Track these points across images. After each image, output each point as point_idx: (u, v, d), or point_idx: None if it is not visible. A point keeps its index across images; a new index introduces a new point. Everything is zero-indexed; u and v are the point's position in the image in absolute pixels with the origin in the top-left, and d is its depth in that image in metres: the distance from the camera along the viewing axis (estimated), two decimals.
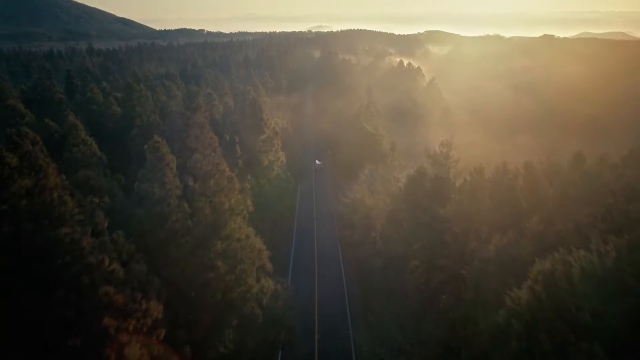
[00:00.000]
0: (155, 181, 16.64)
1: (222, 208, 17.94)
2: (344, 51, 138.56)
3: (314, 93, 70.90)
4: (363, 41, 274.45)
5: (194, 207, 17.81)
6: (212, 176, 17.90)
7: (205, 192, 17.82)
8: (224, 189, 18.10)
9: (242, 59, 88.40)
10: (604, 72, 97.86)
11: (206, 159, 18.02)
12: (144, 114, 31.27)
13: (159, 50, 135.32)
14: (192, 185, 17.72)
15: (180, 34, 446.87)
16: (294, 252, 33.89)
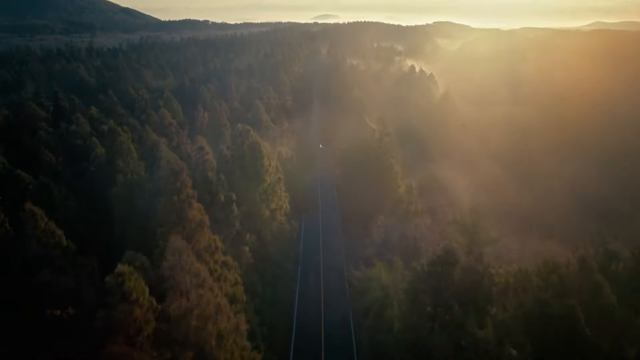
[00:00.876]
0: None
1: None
2: (352, 52, 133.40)
3: (321, 109, 66.76)
4: (370, 35, 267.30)
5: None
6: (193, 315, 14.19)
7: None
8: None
9: (245, 66, 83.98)
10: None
11: (184, 295, 14.16)
12: (127, 170, 27.74)
13: (160, 49, 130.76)
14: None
15: (185, 25, 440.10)
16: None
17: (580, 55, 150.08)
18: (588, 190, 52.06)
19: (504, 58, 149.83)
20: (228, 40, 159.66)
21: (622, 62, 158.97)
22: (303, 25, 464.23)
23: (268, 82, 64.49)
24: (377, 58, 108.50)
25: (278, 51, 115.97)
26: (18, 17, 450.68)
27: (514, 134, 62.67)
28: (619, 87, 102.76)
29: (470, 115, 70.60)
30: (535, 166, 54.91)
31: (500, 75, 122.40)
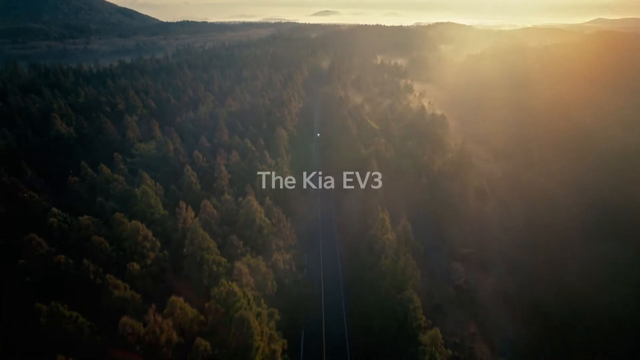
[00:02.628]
0: None
1: None
2: (354, 72, 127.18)
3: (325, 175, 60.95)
4: (372, 42, 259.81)
5: None
6: None
7: None
8: None
9: (238, 108, 78.15)
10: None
11: None
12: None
13: (152, 72, 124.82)
14: None
15: (183, 27, 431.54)
16: None
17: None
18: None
19: (511, 72, 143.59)
20: (224, 57, 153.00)
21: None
22: (302, 26, 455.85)
23: (263, 147, 58.59)
24: (382, 89, 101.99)
25: (276, 78, 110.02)
26: (14, 19, 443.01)
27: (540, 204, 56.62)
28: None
29: (489, 174, 64.90)
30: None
31: (509, 103, 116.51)
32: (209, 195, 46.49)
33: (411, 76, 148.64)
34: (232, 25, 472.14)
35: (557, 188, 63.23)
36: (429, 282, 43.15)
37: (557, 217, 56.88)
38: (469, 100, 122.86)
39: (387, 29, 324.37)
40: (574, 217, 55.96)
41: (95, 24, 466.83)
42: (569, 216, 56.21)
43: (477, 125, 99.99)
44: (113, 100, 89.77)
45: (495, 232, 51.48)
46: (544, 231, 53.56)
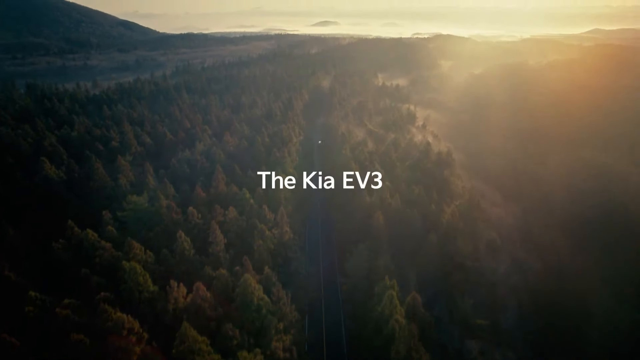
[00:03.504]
0: None
1: None
2: (355, 98, 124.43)
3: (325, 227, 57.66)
4: (371, 57, 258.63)
5: None
6: None
7: None
8: None
9: (235, 147, 75.23)
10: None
11: None
12: None
13: (149, 98, 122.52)
14: None
15: (182, 40, 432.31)
16: None
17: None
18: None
19: (514, 101, 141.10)
20: (222, 80, 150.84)
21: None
22: (302, 39, 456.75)
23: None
24: (385, 118, 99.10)
25: (276, 106, 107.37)
26: (15, 33, 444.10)
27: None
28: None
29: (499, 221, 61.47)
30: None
31: (514, 131, 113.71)
32: (203, 265, 43.07)
33: (413, 99, 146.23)
34: (232, 38, 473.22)
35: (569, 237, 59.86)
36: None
37: (573, 273, 53.54)
38: (472, 127, 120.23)
39: (387, 43, 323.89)
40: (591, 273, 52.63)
41: (96, 38, 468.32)
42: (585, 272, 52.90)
43: (482, 157, 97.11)
44: (107, 135, 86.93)
45: (511, 297, 47.99)
46: (561, 292, 50.12)
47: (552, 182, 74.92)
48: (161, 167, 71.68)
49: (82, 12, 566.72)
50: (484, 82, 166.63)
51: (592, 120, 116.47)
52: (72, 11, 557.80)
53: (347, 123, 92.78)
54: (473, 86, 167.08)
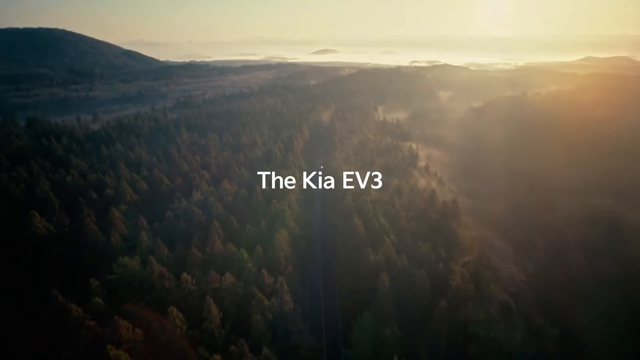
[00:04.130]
0: None
1: None
2: (355, 134, 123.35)
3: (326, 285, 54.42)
4: (370, 87, 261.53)
5: None
6: None
7: None
8: None
9: (234, 192, 73.05)
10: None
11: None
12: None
13: (148, 134, 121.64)
14: None
15: (185, 70, 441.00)
16: None
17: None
18: None
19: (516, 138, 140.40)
20: (223, 116, 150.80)
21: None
22: (302, 68, 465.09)
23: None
24: (387, 160, 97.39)
25: (276, 147, 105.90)
26: (21, 64, 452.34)
27: None
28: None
29: (511, 280, 58.28)
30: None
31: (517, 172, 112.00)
32: (196, 346, 39.55)
33: (414, 134, 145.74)
34: (233, 67, 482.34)
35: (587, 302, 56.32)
36: None
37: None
38: (475, 166, 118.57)
39: (386, 74, 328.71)
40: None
41: (100, 68, 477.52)
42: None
43: (487, 200, 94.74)
44: (102, 179, 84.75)
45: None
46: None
47: (561, 233, 71.99)
48: (156, 217, 69.03)
49: (88, 43, 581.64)
50: (484, 118, 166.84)
51: (597, 160, 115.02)
52: (78, 42, 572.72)
53: (348, 165, 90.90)
54: (473, 121, 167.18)
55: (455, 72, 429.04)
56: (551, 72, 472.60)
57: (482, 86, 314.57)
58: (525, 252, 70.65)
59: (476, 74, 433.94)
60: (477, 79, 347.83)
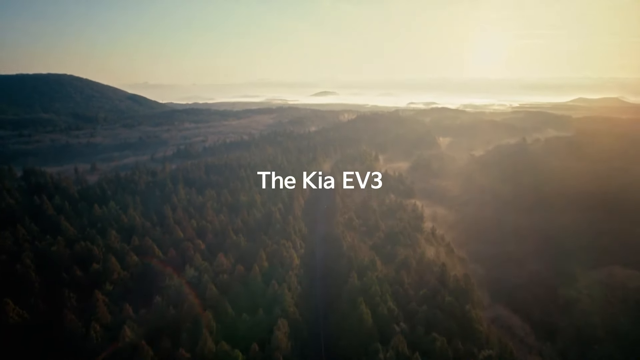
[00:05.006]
0: None
1: None
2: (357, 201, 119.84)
3: None
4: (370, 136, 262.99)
5: None
6: None
7: None
8: None
9: (229, 267, 67.97)
10: None
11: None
12: None
13: (143, 194, 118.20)
14: None
15: (187, 114, 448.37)
16: None
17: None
18: None
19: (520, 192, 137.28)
20: (222, 169, 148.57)
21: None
22: (303, 112, 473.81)
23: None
24: (392, 226, 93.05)
25: (275, 209, 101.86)
26: (27, 109, 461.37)
27: None
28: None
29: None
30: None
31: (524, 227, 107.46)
32: None
33: (417, 187, 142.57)
34: (235, 111, 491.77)
35: None
36: None
37: None
38: (482, 225, 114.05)
39: (385, 119, 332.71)
40: None
41: (104, 112, 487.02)
42: None
43: (499, 268, 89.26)
44: (90, 249, 79.66)
45: None
46: None
47: (587, 314, 65.90)
48: (145, 298, 63.36)
49: (93, 88, 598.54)
50: (487, 169, 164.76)
51: (606, 218, 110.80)
52: (85, 87, 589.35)
53: (351, 232, 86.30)
54: (475, 172, 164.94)
55: (453, 115, 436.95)
56: (546, 114, 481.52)
57: (481, 131, 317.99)
58: (548, 336, 64.27)
59: (473, 117, 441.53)
60: (475, 123, 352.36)
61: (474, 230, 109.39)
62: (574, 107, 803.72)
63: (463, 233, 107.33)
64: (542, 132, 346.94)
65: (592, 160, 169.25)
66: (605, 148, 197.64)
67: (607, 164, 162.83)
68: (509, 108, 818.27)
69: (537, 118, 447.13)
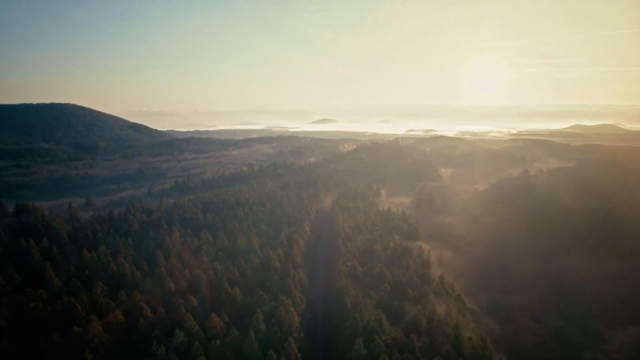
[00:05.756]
0: None
1: None
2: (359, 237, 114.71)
3: None
4: (371, 168, 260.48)
5: None
6: None
7: None
8: None
9: (222, 330, 62.05)
10: None
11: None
12: None
13: (136, 235, 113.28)
14: None
15: (187, 143, 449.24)
16: None
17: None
18: None
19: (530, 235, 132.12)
20: (219, 207, 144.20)
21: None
22: (303, 141, 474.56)
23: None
24: (399, 274, 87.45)
25: (274, 256, 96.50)
26: (28, 139, 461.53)
27: None
28: None
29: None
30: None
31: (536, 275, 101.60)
32: None
33: (421, 225, 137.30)
34: (235, 140, 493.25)
35: None
36: None
37: None
38: (493, 270, 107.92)
39: (385, 149, 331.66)
40: None
41: (105, 141, 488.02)
42: None
43: (515, 322, 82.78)
44: (73, 306, 73.61)
45: None
46: None
47: None
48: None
49: (95, 117, 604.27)
50: (491, 206, 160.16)
51: (622, 265, 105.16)
52: (86, 116, 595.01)
53: (355, 285, 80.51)
54: (480, 209, 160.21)
55: (453, 144, 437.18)
56: (545, 143, 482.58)
57: (482, 161, 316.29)
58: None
59: (473, 145, 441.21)
60: (475, 152, 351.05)
61: (484, 276, 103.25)
62: (571, 134, 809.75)
63: (473, 280, 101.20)
64: (543, 162, 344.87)
65: (598, 194, 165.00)
66: (608, 180, 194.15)
67: (614, 198, 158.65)
68: (507, 135, 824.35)
69: (537, 147, 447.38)
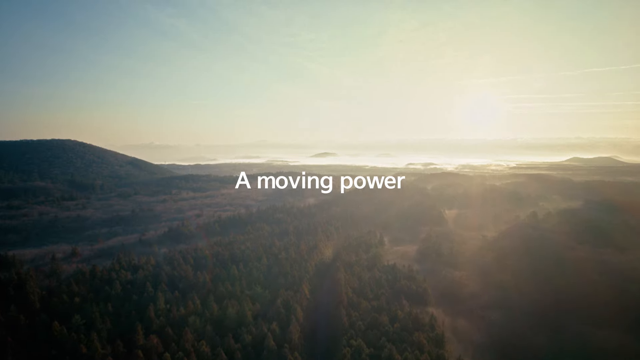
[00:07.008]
0: None
1: None
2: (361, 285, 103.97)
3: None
4: (374, 212, 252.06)
5: None
6: None
7: None
8: None
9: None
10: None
11: None
12: None
13: (119, 299, 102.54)
14: None
15: (186, 181, 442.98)
16: None
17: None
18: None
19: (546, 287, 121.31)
20: (217, 258, 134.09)
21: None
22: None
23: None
24: (409, 354, 76.46)
25: (269, 335, 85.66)
26: (25, 176, 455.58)
27: None
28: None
29: None
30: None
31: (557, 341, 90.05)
32: None
33: (430, 284, 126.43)
34: (234, 177, 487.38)
35: None
36: None
37: None
38: (513, 340, 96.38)
39: (387, 192, 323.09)
40: None
41: (102, 178, 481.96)
42: None
43: None
44: None
45: None
46: None
47: None
48: None
49: (95, 153, 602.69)
50: (503, 259, 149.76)
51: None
52: (86, 152, 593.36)
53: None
54: (491, 263, 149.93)
55: (455, 182, 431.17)
56: (547, 178, 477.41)
57: (486, 201, 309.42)
58: None
59: (474, 182, 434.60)
60: (478, 191, 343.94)
61: (504, 349, 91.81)
62: (570, 167, 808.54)
63: (492, 356, 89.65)
64: (548, 200, 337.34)
65: (618, 247, 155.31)
66: (623, 227, 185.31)
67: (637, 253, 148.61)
68: (507, 168, 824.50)
69: (539, 183, 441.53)
